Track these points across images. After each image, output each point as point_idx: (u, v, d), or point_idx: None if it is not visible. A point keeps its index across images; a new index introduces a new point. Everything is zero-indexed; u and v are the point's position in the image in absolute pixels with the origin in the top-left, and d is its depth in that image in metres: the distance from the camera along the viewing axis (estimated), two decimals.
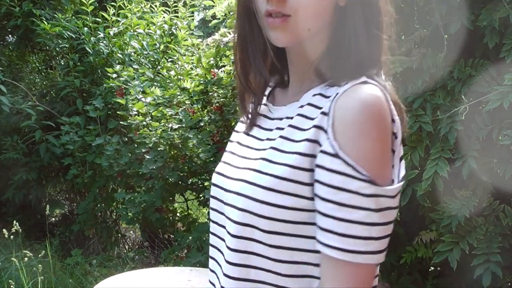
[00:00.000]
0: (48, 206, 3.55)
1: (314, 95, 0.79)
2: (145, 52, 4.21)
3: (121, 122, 3.84)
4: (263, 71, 0.86)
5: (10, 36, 5.21)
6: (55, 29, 4.15)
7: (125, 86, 3.81)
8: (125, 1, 4.37)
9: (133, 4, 4.46)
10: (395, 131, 0.75)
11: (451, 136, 1.96)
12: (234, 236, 0.78)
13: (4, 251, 3.83)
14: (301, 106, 0.80)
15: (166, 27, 4.16)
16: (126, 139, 4.06)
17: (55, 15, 4.33)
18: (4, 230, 2.99)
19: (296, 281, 0.76)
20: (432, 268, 2.37)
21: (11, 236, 2.96)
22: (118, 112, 3.88)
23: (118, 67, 3.94)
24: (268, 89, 0.94)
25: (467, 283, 2.14)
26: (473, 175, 2.03)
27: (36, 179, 4.34)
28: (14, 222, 3.02)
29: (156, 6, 4.47)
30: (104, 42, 4.24)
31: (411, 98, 2.05)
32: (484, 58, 2.04)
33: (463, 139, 2.03)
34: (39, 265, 2.96)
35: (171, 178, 3.48)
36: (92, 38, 4.18)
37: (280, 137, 0.79)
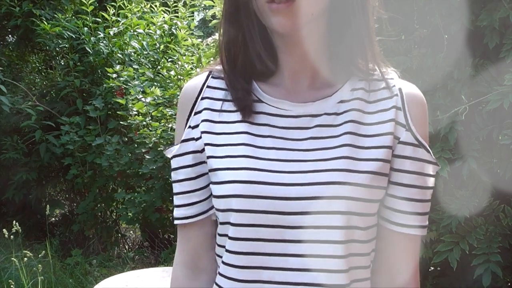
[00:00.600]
0: (48, 206, 3.55)
1: (354, 90, 0.81)
2: (145, 52, 4.21)
3: (121, 122, 3.84)
4: (266, 58, 0.81)
5: (10, 36, 5.22)
6: (55, 29, 4.15)
7: (125, 86, 3.81)
8: (125, 1, 4.37)
9: (133, 4, 4.46)
10: None
11: (451, 136, 1.96)
12: (340, 243, 0.75)
13: (4, 251, 3.84)
14: (341, 101, 0.81)
15: (166, 27, 4.16)
16: (126, 139, 4.06)
17: (55, 15, 4.33)
18: (4, 230, 2.99)
19: (370, 271, 0.82)
20: (432, 268, 2.37)
21: (11, 236, 2.96)
22: (118, 112, 3.88)
23: (118, 67, 3.95)
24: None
25: (467, 283, 2.14)
26: (473, 175, 2.03)
27: (36, 179, 4.34)
28: (14, 222, 3.02)
29: (156, 6, 4.48)
30: (104, 42, 4.24)
31: None
32: (484, 58, 2.04)
33: (463, 139, 2.03)
34: (39, 265, 2.96)
35: (171, 178, 3.47)
36: (92, 38, 4.18)
37: (348, 133, 0.78)
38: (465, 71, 2.02)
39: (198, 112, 0.85)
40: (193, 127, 0.84)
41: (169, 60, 4.26)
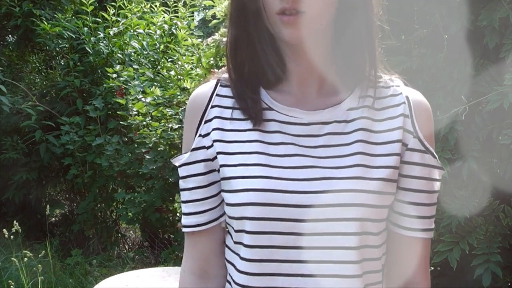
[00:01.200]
0: (48, 206, 3.55)
1: (362, 97, 0.82)
2: (145, 52, 4.22)
3: (121, 122, 3.84)
4: (277, 67, 0.82)
5: (10, 36, 5.21)
6: (55, 29, 4.15)
7: (125, 86, 3.81)
8: (125, 1, 4.37)
9: (133, 4, 4.46)
10: None
11: (451, 136, 1.95)
12: (355, 248, 0.76)
13: (4, 251, 3.84)
14: (350, 109, 0.82)
15: (166, 27, 4.16)
16: (126, 139, 4.06)
17: (55, 15, 4.33)
18: (4, 230, 2.99)
19: (382, 274, 0.84)
20: (432, 268, 2.37)
21: (11, 236, 2.96)
22: (118, 112, 3.88)
23: (118, 67, 3.95)
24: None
25: (467, 283, 2.14)
26: (473, 175, 2.02)
27: (36, 179, 4.34)
28: (14, 222, 3.02)
29: (156, 6, 4.48)
30: (104, 42, 4.24)
31: None
32: (484, 58, 2.04)
33: (463, 139, 2.03)
34: (39, 265, 2.96)
35: (171, 178, 3.48)
36: (92, 38, 4.18)
37: (359, 141, 0.79)
38: (465, 71, 2.02)
39: (209, 121, 0.85)
40: (203, 135, 0.84)
41: (169, 60, 4.27)
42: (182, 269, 0.92)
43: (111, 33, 4.23)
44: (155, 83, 3.84)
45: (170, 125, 3.45)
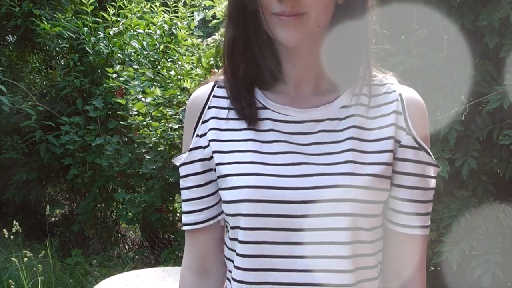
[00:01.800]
0: (48, 206, 3.55)
1: (356, 95, 0.83)
2: (145, 52, 4.22)
3: (121, 122, 3.85)
4: (274, 68, 0.83)
5: (10, 36, 5.21)
6: (55, 29, 4.15)
7: (125, 86, 3.81)
8: (125, 1, 4.37)
9: (133, 4, 4.46)
10: None
11: (451, 136, 1.95)
12: (346, 243, 0.77)
13: (4, 251, 3.84)
14: (343, 107, 0.82)
15: (166, 27, 4.16)
16: (126, 139, 4.06)
17: (55, 15, 4.33)
18: (4, 230, 2.99)
19: (377, 270, 0.85)
20: (432, 268, 2.37)
21: (11, 236, 2.96)
22: (118, 112, 3.89)
23: (118, 67, 3.95)
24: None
25: (467, 283, 2.14)
26: (473, 175, 2.03)
27: (36, 179, 4.34)
28: (14, 222, 3.02)
29: (156, 6, 4.48)
30: (104, 42, 4.24)
31: None
32: (484, 58, 2.04)
33: (463, 139, 2.03)
34: (39, 265, 2.96)
35: (171, 178, 3.48)
36: (92, 38, 4.18)
37: (351, 138, 0.80)
38: (465, 71, 2.02)
39: (205, 121, 0.87)
40: (200, 135, 0.86)
41: (169, 60, 4.27)
42: (182, 266, 0.94)
43: (111, 33, 4.23)
44: (155, 83, 3.84)
45: (170, 125, 3.45)
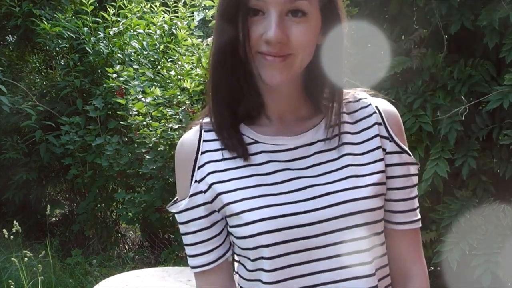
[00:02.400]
0: (48, 206, 3.55)
1: (337, 115, 0.88)
2: (145, 52, 4.22)
3: (121, 122, 3.84)
4: (257, 104, 0.87)
5: (10, 36, 5.22)
6: (55, 29, 4.15)
7: (125, 86, 3.81)
8: (125, 1, 4.37)
9: (133, 4, 4.46)
10: None
11: (451, 136, 1.96)
12: (367, 250, 0.84)
13: (4, 251, 3.84)
14: (330, 127, 0.88)
15: (166, 27, 4.16)
16: (126, 139, 4.06)
17: (55, 15, 4.33)
18: (4, 230, 2.99)
19: (389, 267, 0.93)
20: (432, 268, 2.37)
21: (11, 236, 2.96)
22: (118, 112, 3.89)
23: (118, 67, 3.95)
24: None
25: (467, 283, 2.14)
26: (473, 175, 2.03)
27: (36, 179, 4.34)
28: (14, 222, 3.02)
29: (156, 6, 4.48)
30: (104, 42, 4.24)
31: (411, 98, 2.05)
32: (484, 58, 2.04)
33: (463, 139, 2.03)
34: (39, 265, 2.96)
35: (171, 178, 3.48)
36: (92, 38, 4.18)
37: (346, 154, 0.87)
38: (465, 71, 2.02)
39: (201, 166, 0.89)
40: (199, 181, 0.89)
41: (169, 60, 4.26)
42: None
43: (111, 33, 4.23)
44: (155, 83, 3.84)
45: (170, 125, 3.45)
